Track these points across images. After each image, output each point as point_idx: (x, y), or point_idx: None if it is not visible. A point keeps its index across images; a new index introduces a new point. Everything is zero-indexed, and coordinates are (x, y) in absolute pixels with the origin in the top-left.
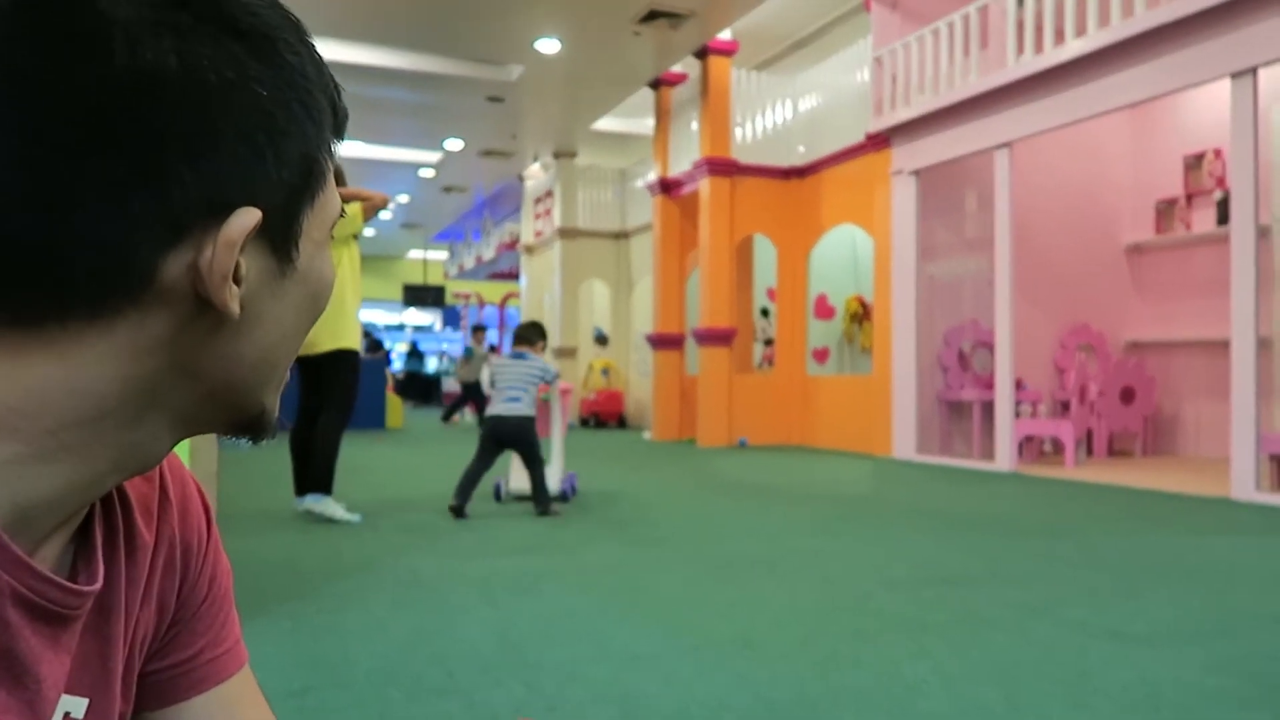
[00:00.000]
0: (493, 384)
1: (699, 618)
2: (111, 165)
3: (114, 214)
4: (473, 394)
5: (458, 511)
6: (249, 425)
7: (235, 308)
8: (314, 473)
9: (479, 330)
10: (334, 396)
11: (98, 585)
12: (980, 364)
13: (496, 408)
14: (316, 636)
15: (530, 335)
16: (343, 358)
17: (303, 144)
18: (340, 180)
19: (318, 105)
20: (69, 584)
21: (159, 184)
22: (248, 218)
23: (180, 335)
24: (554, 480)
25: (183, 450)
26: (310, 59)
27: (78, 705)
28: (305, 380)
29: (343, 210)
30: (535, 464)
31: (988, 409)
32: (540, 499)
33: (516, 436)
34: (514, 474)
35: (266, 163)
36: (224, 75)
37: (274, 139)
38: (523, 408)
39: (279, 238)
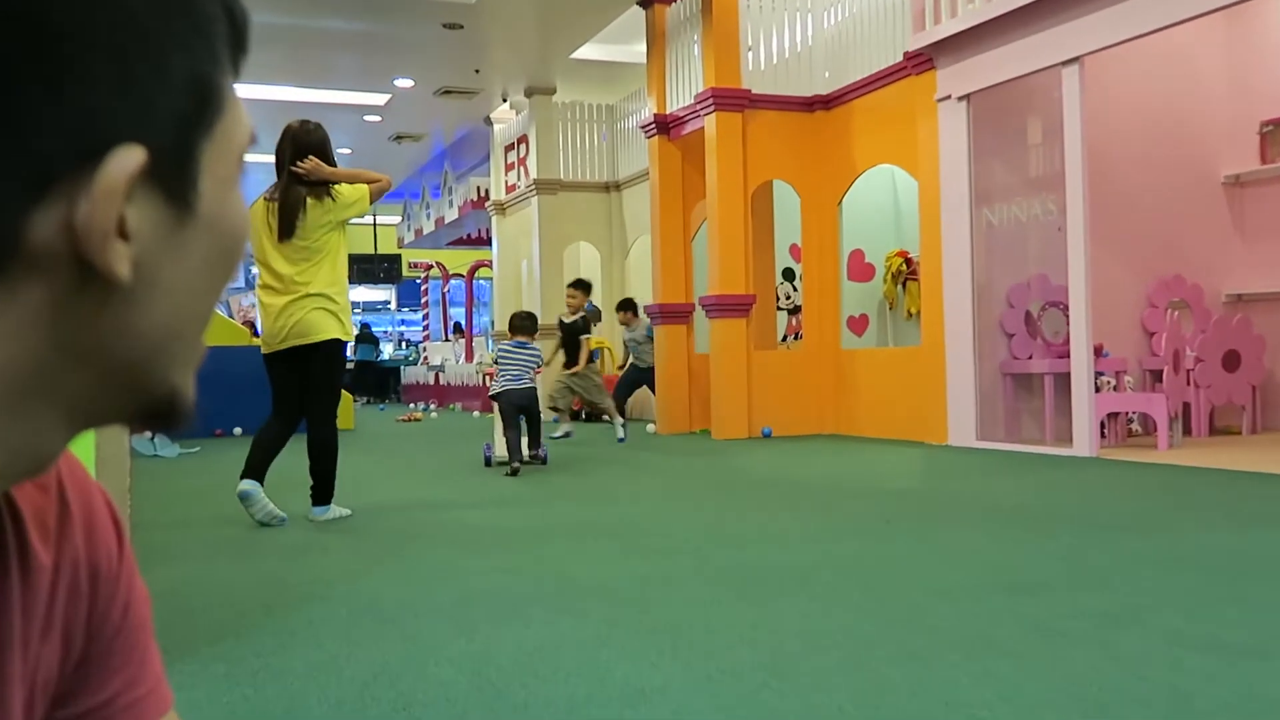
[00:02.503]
0: (495, 363)
1: (716, 642)
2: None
3: None
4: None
5: (515, 472)
6: (158, 412)
7: (124, 270)
8: (319, 483)
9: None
10: (324, 396)
11: None
12: (1051, 328)
13: (505, 385)
14: (257, 682)
15: (528, 325)
16: (336, 349)
17: (190, 62)
18: (327, 155)
19: (205, 13)
20: None
21: (12, 127)
22: (130, 158)
23: (62, 309)
24: (503, 448)
25: (87, 460)
26: None
27: None
28: (278, 379)
29: (254, 137)
30: (536, 423)
31: (1062, 382)
32: (535, 447)
33: (527, 402)
34: (498, 442)
35: (146, 90)
36: None
37: (153, 60)
38: (527, 382)
39: (172, 179)
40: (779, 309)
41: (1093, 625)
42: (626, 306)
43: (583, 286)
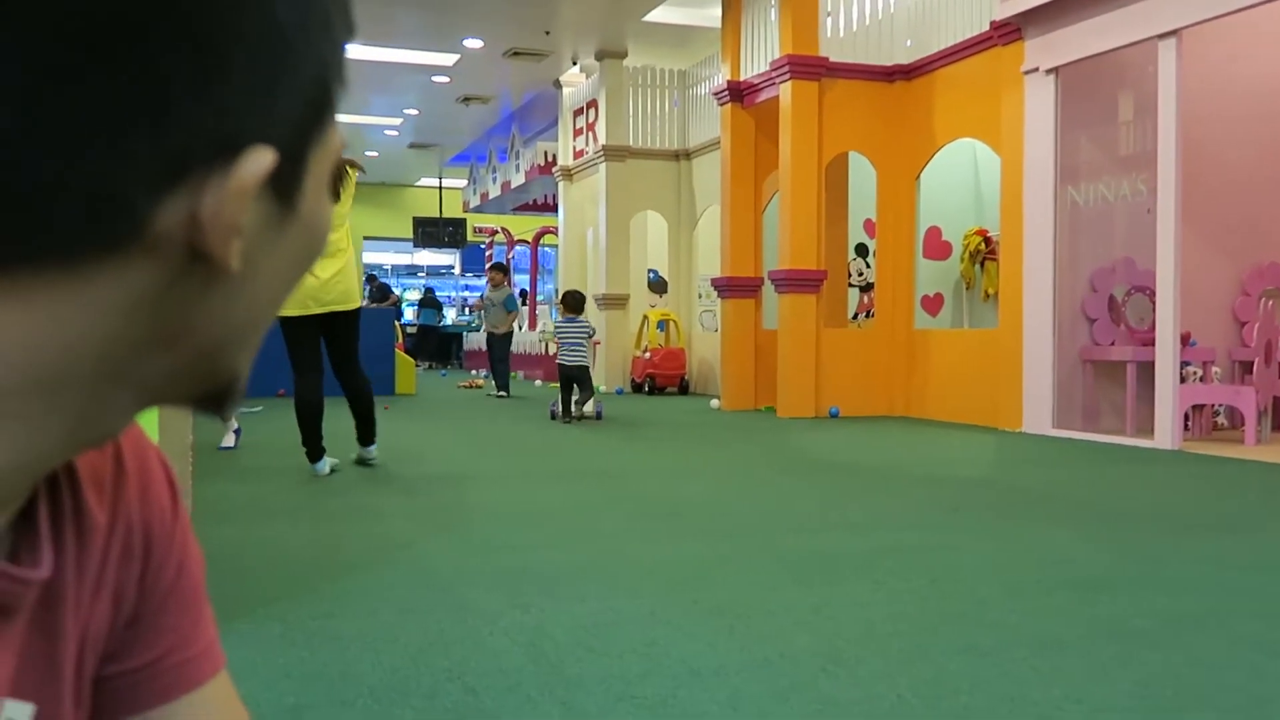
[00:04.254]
0: (555, 337)
1: (774, 626)
2: (106, 93)
3: (107, 151)
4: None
5: (566, 419)
6: (217, 397)
7: (237, 265)
8: (364, 425)
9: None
10: (354, 354)
11: (44, 572)
12: (1136, 314)
13: (563, 357)
14: (312, 645)
15: (579, 304)
16: (356, 317)
17: (317, 68)
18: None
19: (335, 21)
20: (12, 569)
21: (159, 115)
22: (263, 160)
23: (165, 294)
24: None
25: (150, 417)
26: None
27: (21, 711)
28: (310, 340)
29: (346, 158)
30: (587, 390)
31: (1145, 371)
32: (581, 406)
33: (579, 376)
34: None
35: (279, 92)
36: None
37: (288, 64)
38: (580, 357)
39: (285, 181)
40: (850, 286)
41: (1169, 627)
42: (501, 269)
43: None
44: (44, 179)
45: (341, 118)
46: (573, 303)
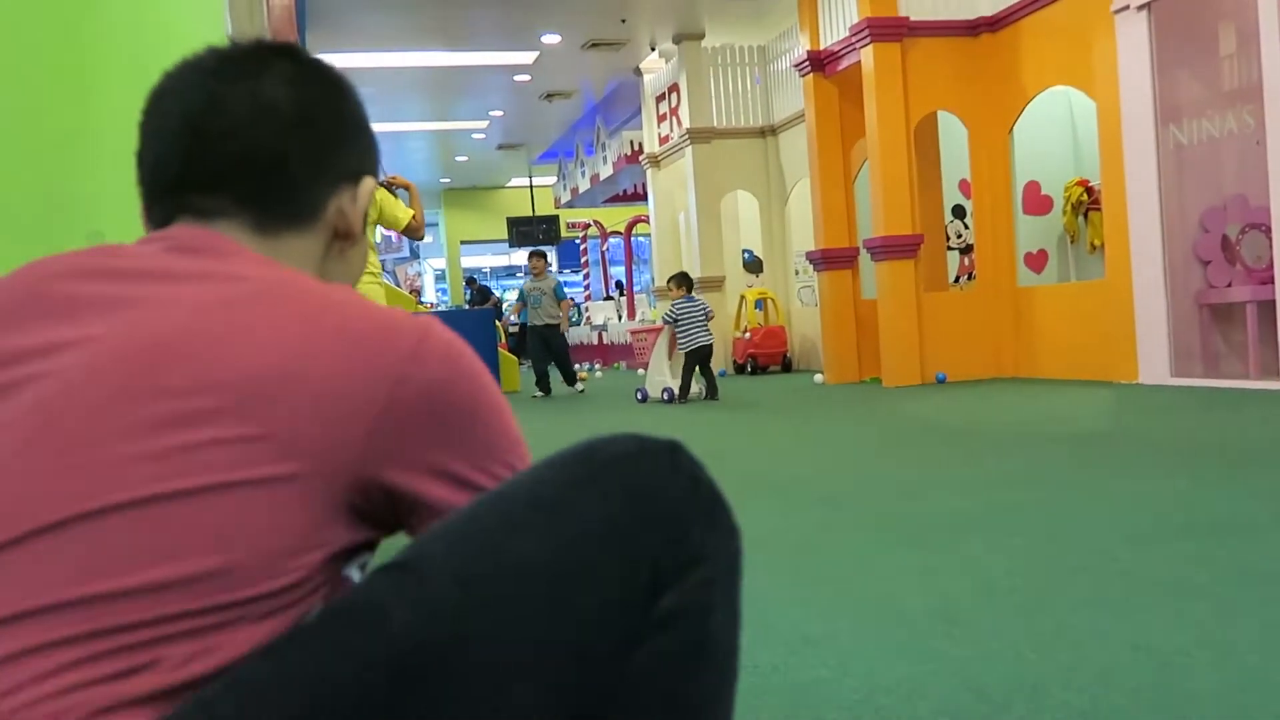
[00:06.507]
0: (675, 321)
1: (886, 589)
2: (327, 159)
3: (323, 180)
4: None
5: (683, 399)
6: None
7: (359, 234)
8: None
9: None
10: None
11: None
12: (1253, 252)
13: (695, 337)
14: None
15: (689, 283)
16: None
17: (375, 165)
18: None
19: (376, 144)
20: None
21: (330, 166)
22: (372, 181)
23: (324, 250)
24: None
25: None
26: None
27: None
28: None
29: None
30: (709, 371)
31: (1266, 311)
32: (713, 393)
33: (708, 354)
34: (652, 384)
35: (368, 161)
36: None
37: (370, 151)
38: (708, 335)
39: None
40: (949, 248)
41: None
42: (541, 255)
43: None
44: (301, 192)
45: (430, 125)
46: (686, 283)
